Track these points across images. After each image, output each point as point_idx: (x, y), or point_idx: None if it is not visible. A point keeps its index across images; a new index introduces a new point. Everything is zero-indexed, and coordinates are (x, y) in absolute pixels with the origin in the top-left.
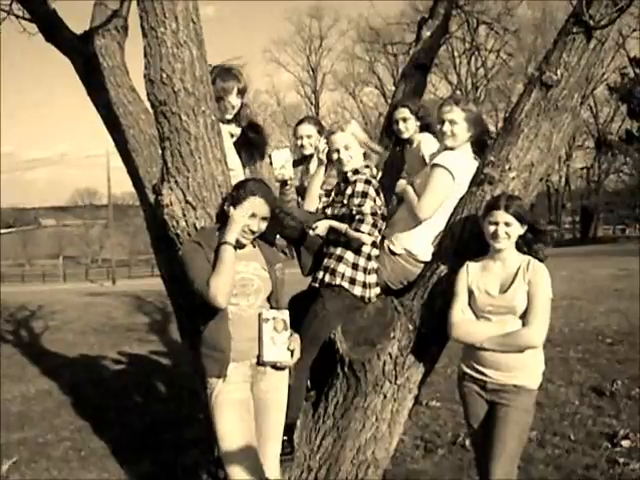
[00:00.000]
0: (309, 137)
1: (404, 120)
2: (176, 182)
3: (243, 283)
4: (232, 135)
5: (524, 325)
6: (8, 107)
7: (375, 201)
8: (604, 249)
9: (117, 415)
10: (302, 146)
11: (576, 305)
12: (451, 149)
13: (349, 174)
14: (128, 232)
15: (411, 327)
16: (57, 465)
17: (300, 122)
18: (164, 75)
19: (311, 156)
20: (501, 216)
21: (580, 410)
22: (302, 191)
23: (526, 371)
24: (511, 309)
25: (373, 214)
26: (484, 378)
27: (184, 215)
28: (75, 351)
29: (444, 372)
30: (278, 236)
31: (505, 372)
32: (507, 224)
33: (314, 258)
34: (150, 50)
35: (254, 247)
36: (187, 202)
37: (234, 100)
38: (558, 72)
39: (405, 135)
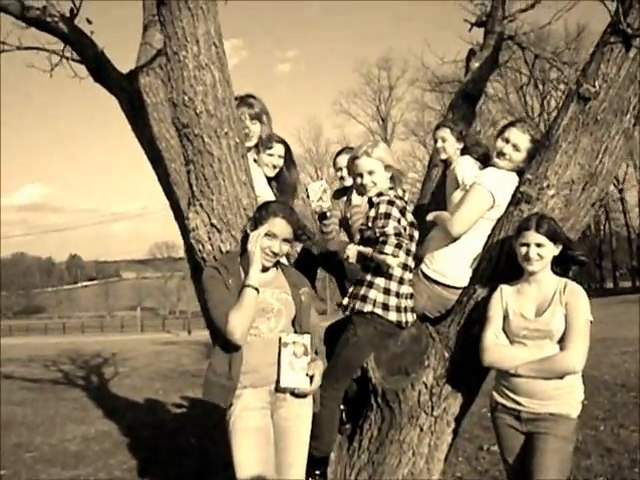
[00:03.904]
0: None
1: (443, 140)
2: (201, 205)
3: (262, 307)
4: (275, 167)
5: (562, 350)
6: (93, 165)
7: (399, 221)
8: None
9: (171, 455)
10: (342, 177)
11: None
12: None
13: (373, 198)
14: None
15: (447, 355)
16: None
17: (339, 153)
18: (186, 98)
19: (352, 186)
20: (532, 237)
21: None
22: (345, 223)
23: (564, 399)
24: (548, 333)
25: (397, 234)
26: (518, 407)
27: (209, 239)
28: (140, 395)
29: None
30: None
31: (540, 400)
32: (539, 245)
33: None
34: (173, 74)
35: (277, 269)
36: (212, 225)
37: (250, 126)
38: (596, 84)
39: (443, 155)
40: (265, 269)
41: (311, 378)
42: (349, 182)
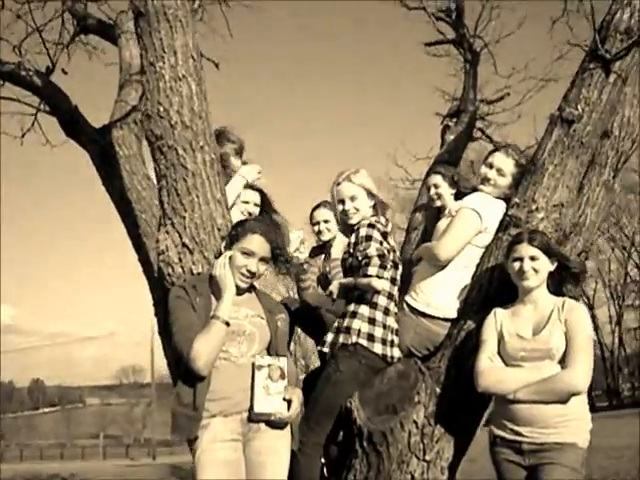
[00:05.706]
0: (326, 222)
1: (436, 186)
2: (172, 224)
3: (232, 329)
4: (250, 214)
5: (563, 369)
6: (59, 289)
7: (381, 243)
8: None
9: None
10: (320, 232)
11: None
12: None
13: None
14: None
15: (438, 390)
16: None
17: (316, 207)
18: (161, 109)
19: (330, 241)
20: (525, 249)
21: None
22: (324, 279)
23: (569, 426)
24: (547, 352)
25: (380, 256)
26: (518, 438)
27: (180, 260)
28: None
29: None
30: None
31: (543, 429)
32: (533, 258)
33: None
34: (149, 85)
35: (250, 292)
36: (184, 245)
37: (234, 161)
38: (579, 107)
39: (437, 203)
40: (240, 292)
41: (289, 404)
42: (327, 236)
